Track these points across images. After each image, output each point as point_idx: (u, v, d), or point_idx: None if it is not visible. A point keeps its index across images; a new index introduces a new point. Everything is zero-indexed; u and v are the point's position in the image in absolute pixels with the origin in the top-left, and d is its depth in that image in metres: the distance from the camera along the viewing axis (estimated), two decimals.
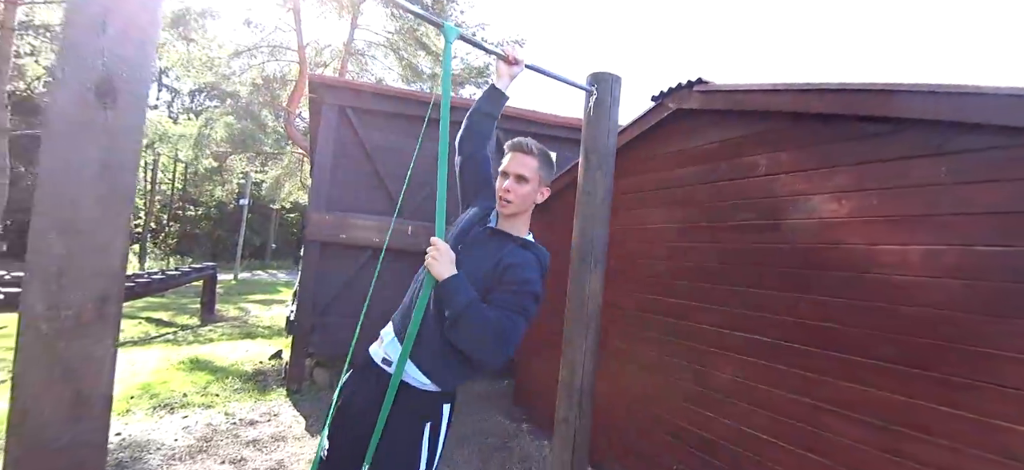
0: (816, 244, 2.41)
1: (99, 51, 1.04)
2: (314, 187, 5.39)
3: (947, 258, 1.94)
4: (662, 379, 3.21)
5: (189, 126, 18.95)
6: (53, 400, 1.03)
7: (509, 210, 1.63)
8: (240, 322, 10.15)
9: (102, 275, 1.07)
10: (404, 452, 1.48)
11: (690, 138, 3.21)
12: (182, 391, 5.08)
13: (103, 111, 1.05)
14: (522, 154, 1.64)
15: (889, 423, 2.06)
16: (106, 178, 1.06)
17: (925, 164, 2.02)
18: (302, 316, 5.20)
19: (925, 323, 1.97)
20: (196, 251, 26.67)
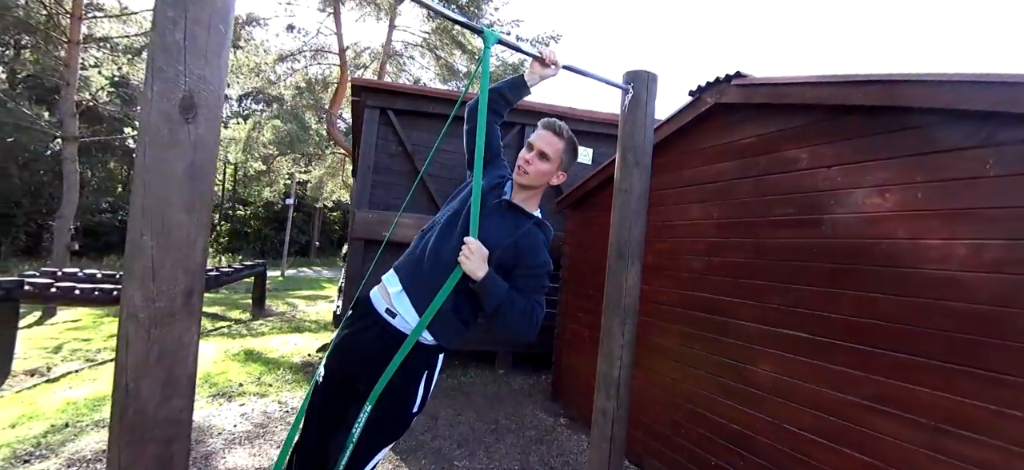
0: (859, 239, 2.37)
1: (181, 73, 1.17)
2: (358, 187, 5.61)
3: (991, 253, 1.89)
4: (701, 375, 3.21)
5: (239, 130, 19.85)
6: (150, 380, 1.18)
7: (524, 180, 1.69)
8: (288, 317, 10.60)
9: (187, 271, 1.21)
10: (403, 394, 1.61)
11: (728, 133, 3.19)
12: (238, 381, 5.39)
13: (186, 125, 1.19)
14: (551, 134, 1.71)
15: (934, 421, 2.03)
16: (190, 185, 1.20)
17: (971, 157, 1.98)
18: (348, 311, 5.43)
19: (972, 319, 1.93)
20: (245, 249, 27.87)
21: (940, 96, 2.02)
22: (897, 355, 2.17)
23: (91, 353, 7.45)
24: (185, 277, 1.22)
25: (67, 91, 11.99)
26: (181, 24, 1.18)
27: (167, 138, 1.17)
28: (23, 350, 6.91)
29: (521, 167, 1.69)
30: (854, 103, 2.36)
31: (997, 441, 1.83)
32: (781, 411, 2.66)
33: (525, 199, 1.74)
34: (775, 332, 2.73)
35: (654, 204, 3.65)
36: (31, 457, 3.40)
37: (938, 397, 2.02)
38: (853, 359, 2.34)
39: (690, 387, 3.29)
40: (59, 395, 5.03)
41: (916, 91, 2.11)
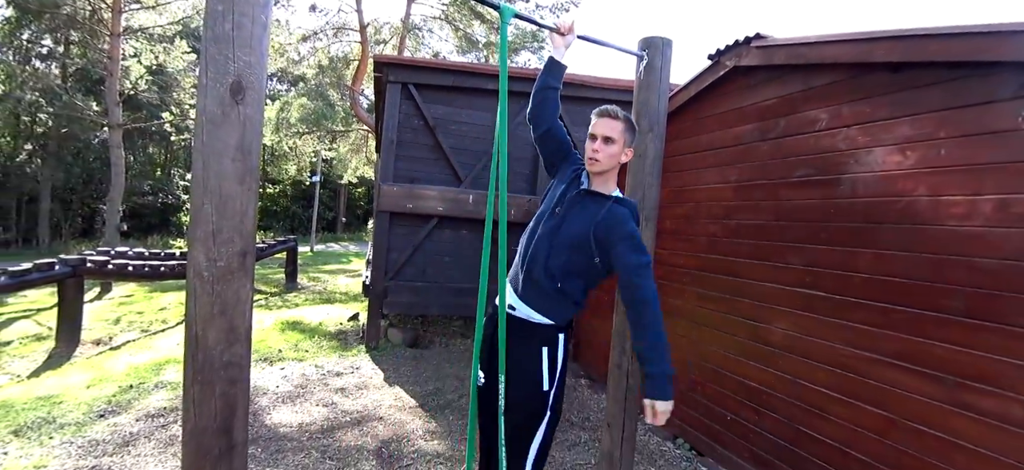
0: (879, 197, 2.40)
1: (231, 59, 1.31)
2: (382, 161, 5.77)
3: (1018, 207, 1.90)
4: (718, 335, 3.31)
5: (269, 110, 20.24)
6: (215, 330, 1.36)
7: (597, 168, 1.83)
8: (319, 289, 11.01)
9: (241, 234, 1.38)
10: (530, 371, 1.79)
11: (747, 96, 3.21)
12: (277, 348, 5.72)
13: (236, 106, 1.33)
14: (609, 118, 1.82)
15: (954, 375, 2.07)
16: (241, 159, 1.35)
17: (999, 110, 1.97)
18: (376, 280, 5.66)
19: (994, 274, 1.95)
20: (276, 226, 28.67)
21: (967, 48, 2.01)
22: (916, 311, 2.21)
23: (146, 324, 7.97)
24: (240, 240, 1.38)
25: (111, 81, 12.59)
26: (230, 16, 1.31)
27: (221, 119, 1.32)
28: (88, 322, 7.46)
29: (591, 158, 1.82)
30: (876, 60, 2.36)
31: (1018, 394, 1.87)
32: (798, 368, 2.75)
33: (602, 183, 1.87)
34: (792, 291, 2.80)
35: (671, 170, 3.71)
36: (106, 413, 3.78)
37: (958, 352, 2.06)
38: (871, 316, 2.39)
39: (707, 347, 3.39)
40: (123, 360, 5.46)
41: (941, 45, 2.10)
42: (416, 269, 5.79)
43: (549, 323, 1.81)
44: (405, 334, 5.83)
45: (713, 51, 3.37)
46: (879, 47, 2.36)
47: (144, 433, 3.41)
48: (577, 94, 5.88)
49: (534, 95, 2.04)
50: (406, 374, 4.82)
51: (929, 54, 2.17)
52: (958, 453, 2.05)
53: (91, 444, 3.22)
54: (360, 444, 3.38)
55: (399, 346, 5.72)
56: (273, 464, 3.06)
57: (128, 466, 2.97)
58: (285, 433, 3.50)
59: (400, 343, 5.76)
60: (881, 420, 2.34)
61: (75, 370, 5.32)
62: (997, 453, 1.93)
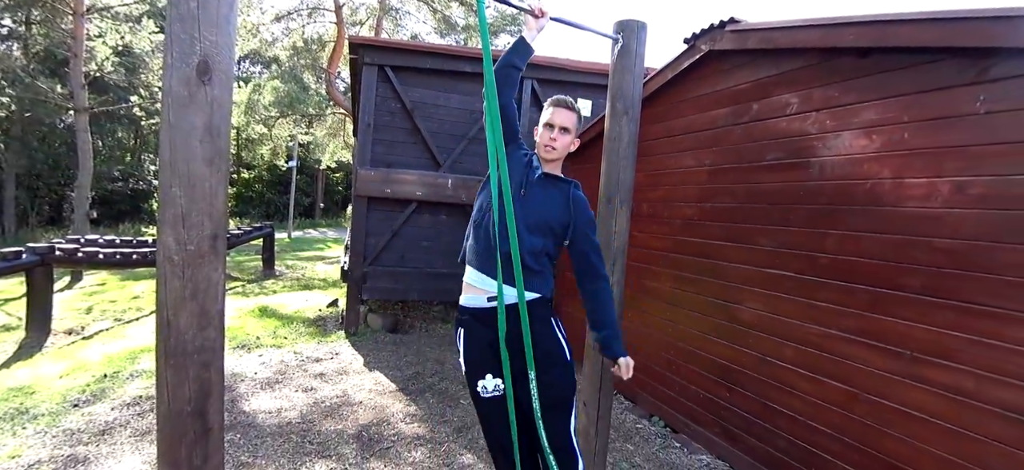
0: (844, 180, 2.48)
1: (196, 39, 1.28)
2: (359, 145, 5.70)
3: (975, 189, 1.98)
4: (693, 316, 3.39)
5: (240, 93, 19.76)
6: (186, 314, 1.34)
7: (553, 156, 1.90)
8: (297, 276, 10.88)
9: (212, 217, 1.36)
10: (552, 347, 1.81)
11: (722, 80, 3.25)
12: (255, 334, 5.66)
13: (203, 87, 1.30)
14: (566, 109, 1.89)
15: (913, 352, 2.17)
16: (209, 140, 1.33)
17: (961, 94, 2.04)
18: (355, 266, 5.63)
19: (951, 254, 2.04)
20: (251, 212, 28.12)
21: (932, 34, 2.07)
22: (877, 290, 2.30)
23: (119, 313, 7.78)
24: (210, 223, 1.36)
25: (75, 63, 12.09)
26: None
27: (187, 100, 1.29)
28: (59, 311, 7.26)
29: (548, 146, 1.88)
30: (845, 45, 2.42)
31: (970, 367, 1.97)
32: (766, 346, 2.84)
33: (554, 168, 1.94)
34: (763, 272, 2.88)
35: (648, 153, 3.76)
36: (80, 402, 3.72)
37: (915, 328, 2.16)
38: (836, 295, 2.48)
39: (682, 327, 3.47)
40: (97, 350, 5.33)
41: (908, 30, 2.16)
42: (395, 254, 5.77)
43: (547, 297, 1.85)
44: (385, 319, 5.82)
45: (689, 35, 3.40)
46: (847, 32, 2.41)
47: (120, 422, 3.36)
48: (554, 77, 5.88)
49: (497, 70, 2.02)
50: (386, 359, 4.82)
51: (896, 39, 2.23)
52: (915, 424, 2.15)
53: (66, 434, 3.17)
54: (340, 429, 3.39)
55: (379, 331, 5.71)
56: (252, 451, 3.05)
57: (104, 454, 2.93)
58: (264, 419, 3.48)
59: (380, 329, 5.75)
60: (844, 394, 2.44)
61: (47, 360, 5.19)
62: (952, 424, 2.04)
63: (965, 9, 1.99)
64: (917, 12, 2.15)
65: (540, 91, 5.81)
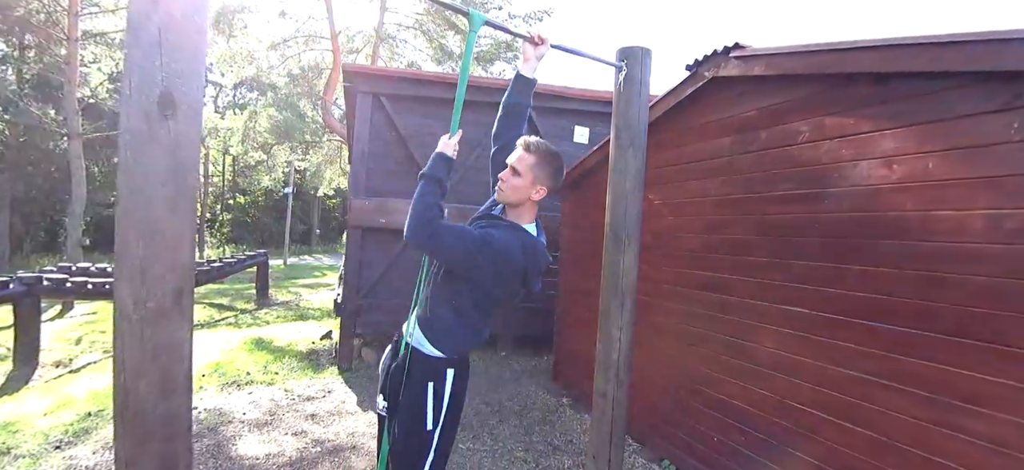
0: (864, 212, 2.33)
1: (158, 68, 1.14)
2: (353, 174, 5.57)
3: (1012, 222, 1.84)
4: (703, 353, 3.21)
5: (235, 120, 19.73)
6: (147, 380, 1.17)
7: (500, 197, 1.80)
8: (292, 305, 10.65)
9: (176, 270, 1.20)
10: (414, 408, 1.73)
11: (727, 107, 3.14)
12: (246, 370, 5.44)
13: (166, 121, 1.16)
14: (522, 149, 1.76)
15: (943, 396, 2.00)
16: (173, 182, 1.18)
17: (991, 122, 1.90)
18: (348, 299, 5.44)
19: (988, 293, 1.88)
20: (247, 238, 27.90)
21: (956, 58, 1.96)
22: (905, 330, 2.14)
23: (108, 344, 7.54)
24: (174, 276, 1.20)
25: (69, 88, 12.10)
26: (154, 17, 1.14)
27: (147, 136, 1.14)
28: (48, 342, 7.07)
29: (498, 184, 1.78)
30: (859, 70, 2.31)
31: (1013, 416, 1.80)
32: (784, 387, 2.66)
33: (516, 215, 1.80)
34: (777, 308, 2.71)
35: (651, 182, 3.63)
36: (62, 443, 3.53)
37: (949, 372, 1.98)
38: (859, 335, 2.32)
39: (691, 365, 3.29)
40: (83, 384, 5.12)
41: (930, 54, 2.04)
42: (391, 287, 5.59)
43: (437, 355, 1.75)
44: (379, 353, 5.61)
45: (691, 61, 3.31)
46: (862, 57, 2.30)
47: (101, 467, 3.16)
48: (551, 105, 5.79)
49: (502, 107, 1.98)
50: None
51: (915, 64, 2.11)
52: None
53: None
54: None
55: (373, 366, 5.49)
56: None
57: None
58: (252, 466, 3.27)
59: (375, 364, 5.53)
60: (870, 441, 2.26)
61: (33, 394, 4.99)
62: None
63: (994, 31, 1.88)
64: (939, 35, 2.04)
65: (537, 120, 5.71)
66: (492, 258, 1.63)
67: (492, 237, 1.65)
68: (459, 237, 1.61)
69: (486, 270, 1.64)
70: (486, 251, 1.62)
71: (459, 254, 1.61)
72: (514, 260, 1.67)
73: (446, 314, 1.73)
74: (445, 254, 1.64)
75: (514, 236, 1.70)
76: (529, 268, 1.71)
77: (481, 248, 1.61)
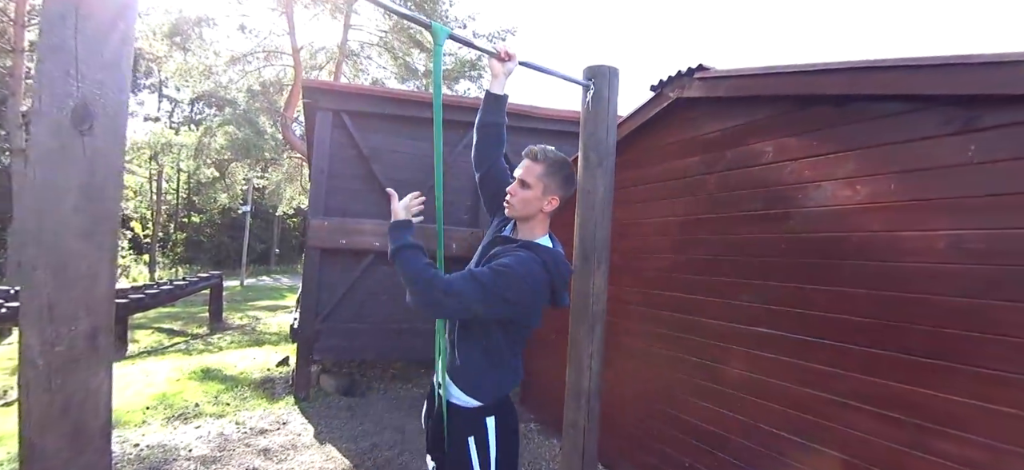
0: (830, 233, 2.34)
1: (73, 76, 1.00)
2: (312, 193, 5.36)
3: (972, 244, 1.86)
4: (672, 375, 3.16)
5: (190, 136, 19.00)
6: (55, 434, 1.01)
7: (510, 213, 1.68)
8: (248, 329, 10.17)
9: (90, 308, 1.04)
10: (460, 467, 1.59)
11: (692, 127, 3.15)
12: (195, 401, 5.09)
13: (80, 138, 1.01)
14: (529, 160, 1.67)
15: (915, 418, 1.99)
16: (87, 208, 1.03)
17: (950, 144, 1.94)
18: (306, 323, 5.18)
19: (955, 313, 1.89)
20: (202, 258, 26.75)
21: (915, 81, 1.99)
22: (875, 351, 2.14)
23: None
24: (88, 315, 1.04)
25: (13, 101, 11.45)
26: (71, 20, 1.01)
27: (58, 154, 0.99)
28: None
29: (507, 199, 1.67)
30: (820, 93, 2.33)
31: (985, 438, 1.80)
32: (754, 410, 2.63)
33: (528, 231, 1.69)
34: (746, 330, 2.70)
35: (618, 202, 3.58)
36: None
37: (920, 394, 1.98)
38: (829, 356, 2.31)
39: (661, 387, 3.24)
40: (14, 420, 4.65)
41: (886, 78, 2.08)
42: (351, 310, 5.36)
43: (473, 405, 1.62)
44: (339, 381, 5.35)
45: (656, 82, 3.32)
46: (824, 80, 2.33)
47: None
48: (517, 125, 5.74)
49: (476, 131, 1.91)
50: (339, 428, 4.37)
51: (873, 87, 2.15)
52: None
53: None
54: None
55: (332, 395, 5.23)
56: None
57: None
58: None
59: (333, 391, 5.28)
60: (844, 465, 2.24)
61: None
62: None
63: (950, 56, 1.92)
64: (896, 59, 2.08)
65: None
66: (515, 289, 1.45)
67: (508, 267, 1.46)
68: (472, 286, 1.41)
69: (512, 305, 1.46)
70: (506, 285, 1.43)
71: (478, 304, 1.42)
72: (538, 281, 1.51)
73: (476, 358, 1.59)
74: (464, 311, 1.44)
75: (532, 255, 1.55)
76: (556, 282, 1.58)
77: (499, 285, 1.43)
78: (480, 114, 1.89)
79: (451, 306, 1.40)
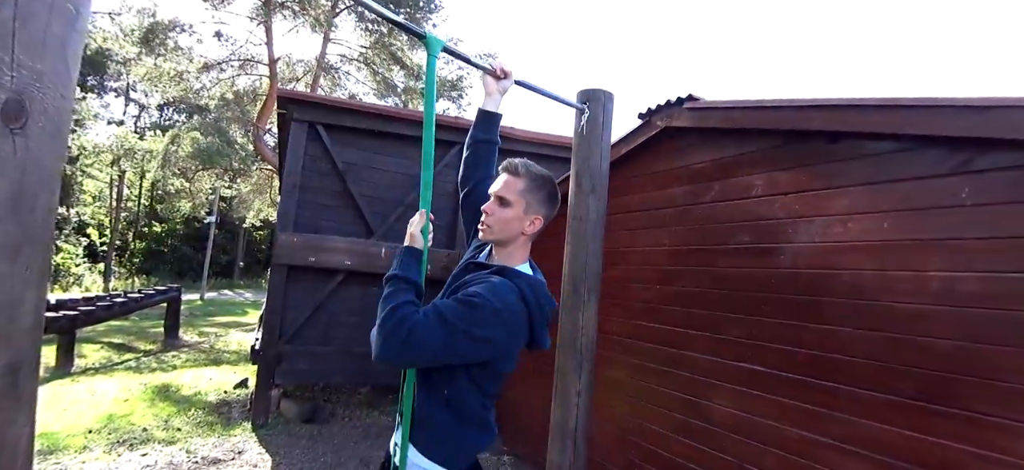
0: (821, 270, 2.30)
1: (5, 65, 0.84)
2: (282, 207, 5.13)
3: (967, 286, 1.83)
4: (656, 411, 3.06)
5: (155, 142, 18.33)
6: None
7: (488, 235, 1.44)
8: (205, 346, 9.66)
9: (10, 339, 0.87)
10: None
11: (680, 157, 3.11)
12: (143, 425, 4.73)
13: (11, 137, 0.85)
14: (507, 175, 1.44)
15: (908, 464, 1.93)
16: (13, 218, 0.86)
17: (944, 185, 1.93)
18: (268, 344, 4.90)
19: (948, 356, 1.86)
20: (162, 270, 25.61)
21: (908, 121, 1.98)
22: (867, 393, 2.08)
23: None
24: (6, 348, 0.87)
25: None
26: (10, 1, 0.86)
27: None
28: None
29: (483, 220, 1.43)
30: (813, 128, 2.31)
31: None
32: (742, 451, 2.54)
33: (506, 256, 1.45)
34: (734, 366, 2.62)
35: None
36: None
37: (912, 438, 1.93)
38: (820, 397, 2.24)
39: (644, 424, 3.13)
40: None
41: (879, 117, 2.06)
42: (318, 331, 5.11)
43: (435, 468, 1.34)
44: (301, 407, 5.06)
45: (643, 110, 3.28)
46: (815, 115, 2.32)
47: None
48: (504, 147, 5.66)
49: (466, 148, 1.76)
50: (300, 460, 4.09)
51: (867, 125, 2.13)
52: None
53: None
54: None
55: (293, 422, 4.94)
56: None
57: None
58: None
59: (294, 418, 4.98)
60: None
61: None
62: None
63: (942, 97, 1.92)
64: (888, 99, 2.07)
65: None
66: (485, 324, 1.22)
67: (477, 297, 1.24)
68: (434, 330, 1.18)
69: (480, 343, 1.22)
70: (473, 319, 1.21)
71: (442, 353, 1.20)
72: (514, 314, 1.27)
73: (439, 414, 1.33)
74: (427, 358, 1.21)
75: (507, 283, 1.31)
76: (536, 317, 1.33)
77: (465, 319, 1.20)
78: (472, 130, 1.77)
79: (409, 357, 1.20)
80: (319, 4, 14.73)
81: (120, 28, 16.33)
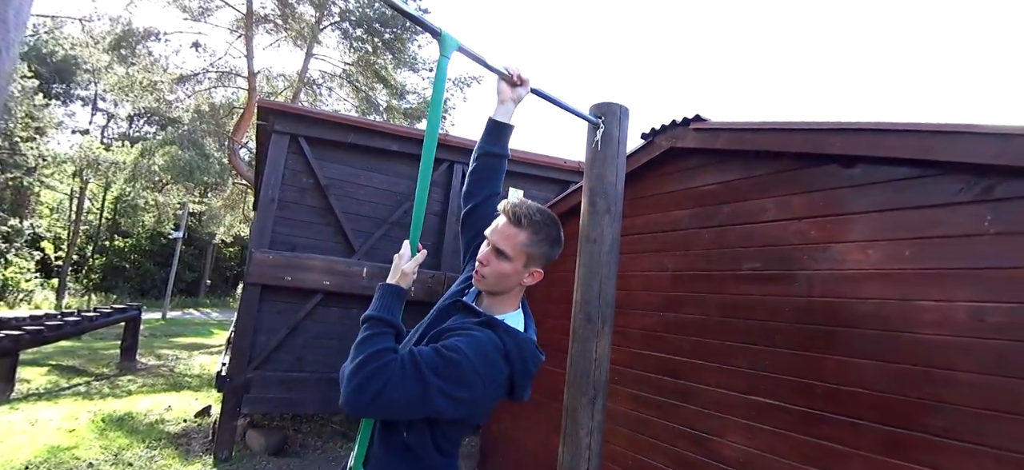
0: (840, 298, 2.18)
1: None
2: (258, 223, 4.84)
3: (995, 317, 1.73)
4: (659, 446, 2.87)
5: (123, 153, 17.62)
6: None
7: (480, 285, 1.32)
8: (165, 370, 9.09)
9: None
10: None
11: (686, 178, 3.00)
12: (90, 458, 4.30)
13: None
14: (508, 224, 1.29)
15: None
16: None
17: (965, 212, 1.84)
18: (236, 370, 4.54)
19: (979, 390, 1.75)
20: (123, 287, 24.42)
21: (925, 147, 1.90)
22: (888, 428, 1.95)
23: None
24: None
25: None
26: None
27: None
28: None
29: (477, 269, 1.30)
30: (830, 152, 2.22)
31: None
32: None
33: (496, 303, 1.33)
34: (744, 399, 2.46)
35: None
36: None
37: None
38: (840, 433, 2.10)
39: (647, 459, 2.94)
40: None
41: (898, 141, 1.98)
42: (291, 356, 4.78)
43: None
44: (269, 438, 4.70)
45: (647, 130, 3.17)
46: (831, 139, 2.22)
47: None
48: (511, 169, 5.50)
49: (473, 161, 1.59)
50: None
51: (884, 150, 2.04)
52: None
53: None
54: None
55: (260, 454, 4.57)
56: None
57: None
58: None
59: (261, 450, 4.61)
60: None
61: None
62: None
63: (962, 123, 1.84)
64: (907, 123, 1.99)
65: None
66: (463, 384, 1.12)
67: (458, 354, 1.12)
68: (413, 380, 1.07)
69: (455, 402, 1.11)
70: (451, 379, 1.10)
71: (413, 406, 1.09)
72: (495, 371, 1.17)
73: (395, 460, 1.20)
74: (398, 413, 1.11)
75: (493, 338, 1.20)
76: (518, 377, 1.23)
77: (442, 377, 1.09)
78: (480, 142, 1.59)
79: (377, 412, 1.09)
80: (303, 18, 14.52)
81: (90, 36, 15.77)
